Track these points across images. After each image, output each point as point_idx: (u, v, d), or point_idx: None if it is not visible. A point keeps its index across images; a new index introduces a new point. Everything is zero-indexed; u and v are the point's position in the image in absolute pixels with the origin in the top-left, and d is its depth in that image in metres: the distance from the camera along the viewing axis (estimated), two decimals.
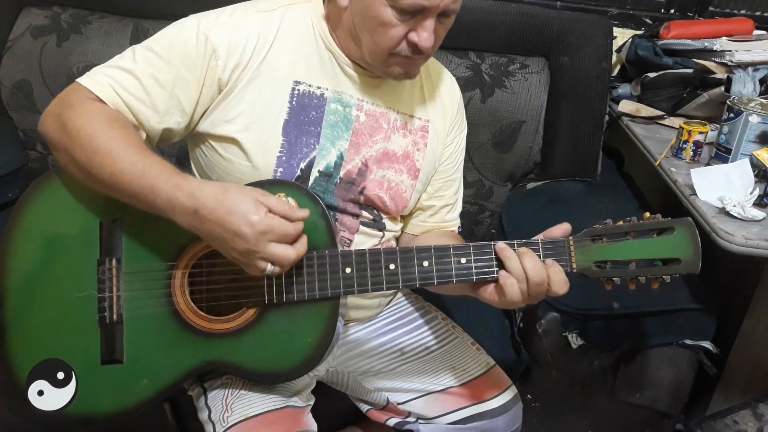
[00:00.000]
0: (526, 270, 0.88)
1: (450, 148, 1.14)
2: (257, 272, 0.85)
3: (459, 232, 1.20)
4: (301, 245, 0.87)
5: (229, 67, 0.96)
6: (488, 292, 0.94)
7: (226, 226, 0.82)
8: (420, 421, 1.16)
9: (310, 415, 1.04)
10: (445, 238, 1.13)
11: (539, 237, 0.93)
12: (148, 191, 0.85)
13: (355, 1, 0.94)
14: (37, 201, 0.96)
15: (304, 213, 0.87)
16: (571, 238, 0.92)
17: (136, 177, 0.85)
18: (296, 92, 1.00)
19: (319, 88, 1.01)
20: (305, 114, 1.00)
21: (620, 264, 0.91)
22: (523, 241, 0.92)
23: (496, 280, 0.92)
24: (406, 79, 1.01)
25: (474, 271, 0.92)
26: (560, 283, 0.90)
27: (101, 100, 0.92)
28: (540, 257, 0.91)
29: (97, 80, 0.92)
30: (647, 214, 0.92)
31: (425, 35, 0.92)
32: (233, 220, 0.82)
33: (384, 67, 0.98)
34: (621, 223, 0.92)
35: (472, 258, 0.92)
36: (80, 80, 0.93)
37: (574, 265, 0.92)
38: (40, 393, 0.94)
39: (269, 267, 0.84)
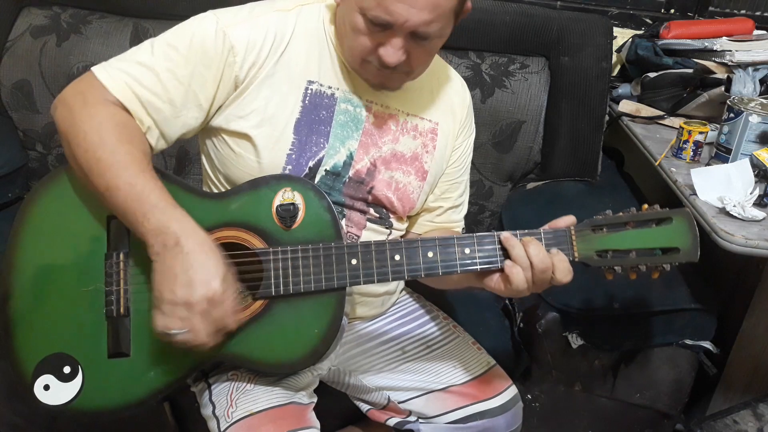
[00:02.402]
0: (531, 258, 0.89)
1: (458, 151, 1.15)
2: (166, 326, 0.84)
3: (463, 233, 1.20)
4: (216, 338, 0.88)
5: (246, 65, 0.96)
6: (494, 281, 0.95)
7: (189, 270, 0.83)
8: (420, 420, 1.16)
9: (314, 413, 1.04)
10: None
11: (542, 228, 0.95)
12: (140, 215, 0.86)
13: (343, 2, 0.95)
14: (46, 196, 0.97)
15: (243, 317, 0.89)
16: (572, 227, 0.94)
17: (131, 199, 0.86)
18: (309, 91, 1.01)
19: (330, 87, 1.02)
20: (316, 113, 1.01)
21: (621, 253, 0.93)
22: (526, 231, 0.93)
23: (500, 270, 0.93)
24: (385, 90, 1.02)
25: (478, 260, 0.93)
26: (564, 271, 0.91)
27: (116, 101, 0.91)
28: (543, 246, 0.91)
29: (113, 76, 0.92)
30: (646, 206, 0.94)
31: (390, 51, 0.91)
32: (199, 271, 0.83)
33: (361, 72, 0.99)
34: (621, 214, 0.94)
35: (476, 248, 0.93)
36: (97, 72, 0.92)
37: (576, 254, 0.93)
38: (46, 387, 0.94)
39: (179, 330, 0.84)
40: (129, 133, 0.91)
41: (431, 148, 1.10)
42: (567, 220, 0.94)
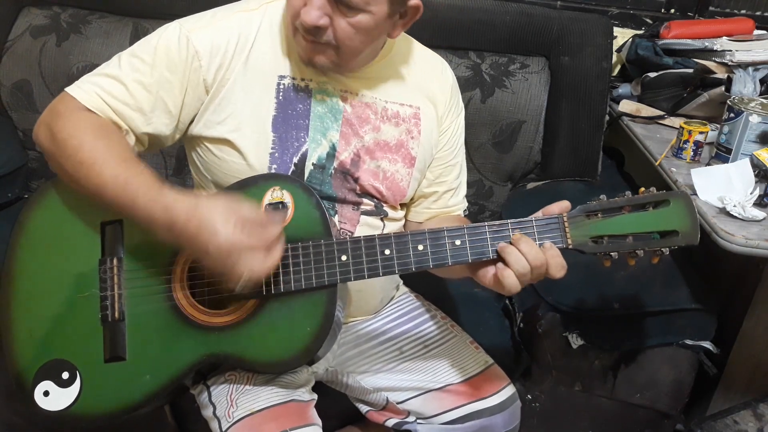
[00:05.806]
0: (527, 257, 0.87)
1: (447, 134, 1.13)
2: (232, 285, 0.85)
3: (466, 215, 1.20)
4: (275, 253, 0.86)
5: (213, 68, 0.97)
6: (488, 280, 0.93)
7: (197, 243, 0.83)
8: (418, 420, 1.16)
9: (315, 410, 1.04)
10: (450, 222, 1.13)
11: (534, 216, 0.92)
12: (130, 205, 0.87)
13: None
14: (40, 207, 0.98)
15: (280, 216, 0.87)
16: (565, 214, 0.91)
17: (119, 190, 0.87)
18: (282, 87, 1.01)
19: (303, 80, 1.02)
20: (292, 108, 1.01)
21: (617, 238, 0.89)
22: (517, 220, 0.91)
23: (492, 260, 0.91)
24: (313, 67, 0.98)
25: (469, 252, 0.92)
26: (558, 267, 0.89)
27: (89, 110, 0.93)
28: (534, 235, 0.90)
29: (84, 89, 0.94)
30: (642, 189, 0.91)
31: (306, 8, 0.90)
32: (202, 239, 0.83)
33: (295, 46, 0.97)
34: (616, 198, 0.90)
35: (467, 239, 0.92)
36: (68, 90, 0.95)
37: (570, 241, 0.90)
38: (46, 393, 0.95)
39: (241, 281, 0.84)
40: (106, 131, 0.92)
41: (416, 133, 1.09)
42: (561, 206, 0.92)
